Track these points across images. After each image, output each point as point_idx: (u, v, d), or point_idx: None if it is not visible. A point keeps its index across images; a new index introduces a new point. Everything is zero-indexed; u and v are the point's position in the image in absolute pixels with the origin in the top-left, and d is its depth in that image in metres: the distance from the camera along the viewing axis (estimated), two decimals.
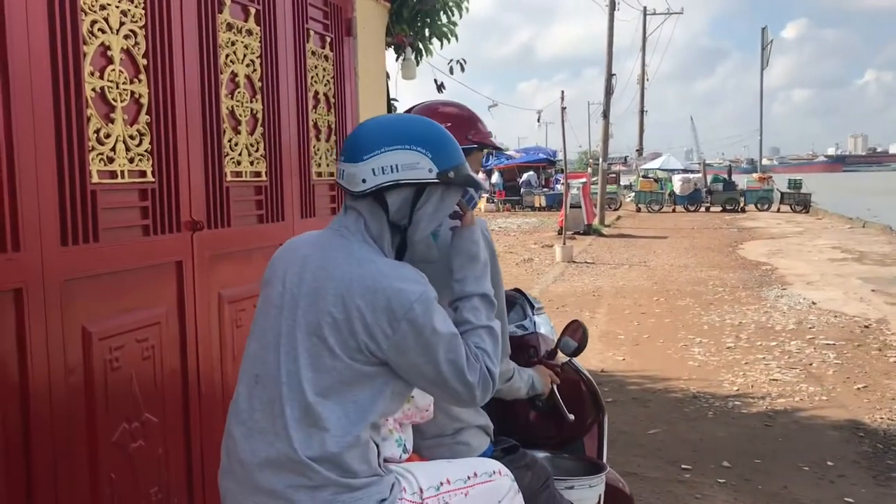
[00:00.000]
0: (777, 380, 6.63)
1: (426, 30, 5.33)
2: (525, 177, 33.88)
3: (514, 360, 2.43)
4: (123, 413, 2.53)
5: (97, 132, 2.42)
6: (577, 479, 2.51)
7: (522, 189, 33.03)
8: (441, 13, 5.30)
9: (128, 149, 2.55)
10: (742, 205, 32.48)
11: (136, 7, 2.60)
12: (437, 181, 1.82)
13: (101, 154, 2.44)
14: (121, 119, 2.52)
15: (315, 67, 3.93)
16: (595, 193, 24.27)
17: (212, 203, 3.03)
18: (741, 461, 4.80)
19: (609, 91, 24.92)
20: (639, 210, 33.08)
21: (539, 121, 38.20)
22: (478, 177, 2.05)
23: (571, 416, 2.61)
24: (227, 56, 3.15)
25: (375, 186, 1.79)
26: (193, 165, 2.90)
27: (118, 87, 2.51)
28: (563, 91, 18.25)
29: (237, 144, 3.22)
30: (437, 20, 5.33)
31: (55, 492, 2.24)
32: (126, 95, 2.55)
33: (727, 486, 4.42)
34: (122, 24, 2.53)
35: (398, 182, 1.80)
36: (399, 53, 5.29)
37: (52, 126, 2.23)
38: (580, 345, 2.63)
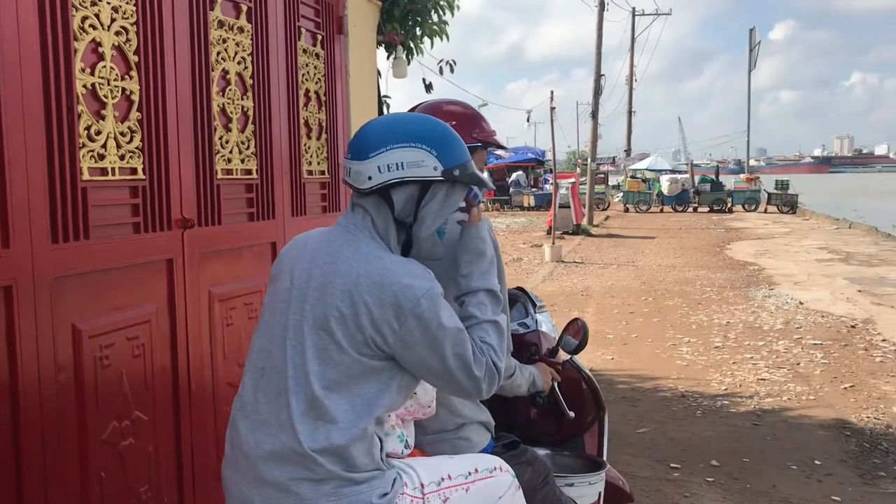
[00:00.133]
0: (765, 379, 6.66)
1: (417, 28, 5.34)
2: (514, 176, 33.92)
3: (516, 358, 2.45)
4: (113, 411, 2.51)
5: (88, 129, 2.40)
6: (578, 477, 2.53)
7: (511, 189, 33.07)
8: (432, 12, 5.30)
9: (119, 146, 2.54)
10: (729, 205, 32.66)
11: (128, 3, 2.58)
12: (442, 179, 1.84)
13: (92, 151, 2.43)
14: (112, 116, 2.51)
15: (306, 65, 3.92)
16: (584, 193, 24.32)
17: (202, 201, 3.02)
18: (729, 460, 4.82)
19: (598, 91, 24.96)
20: (627, 210, 33.18)
21: (528, 121, 38.23)
22: (483, 175, 2.07)
23: (572, 414, 2.62)
24: (219, 53, 3.14)
25: (381, 183, 1.81)
26: (184, 163, 2.89)
27: (109, 84, 2.49)
28: (553, 91, 18.28)
29: (228, 142, 3.21)
30: (429, 19, 5.34)
31: (45, 490, 2.22)
32: (117, 92, 2.53)
33: (716, 485, 4.44)
34: (114, 21, 2.52)
35: (403, 179, 1.81)
36: (390, 52, 5.28)
37: (43, 122, 2.22)
38: (581, 343, 2.64)
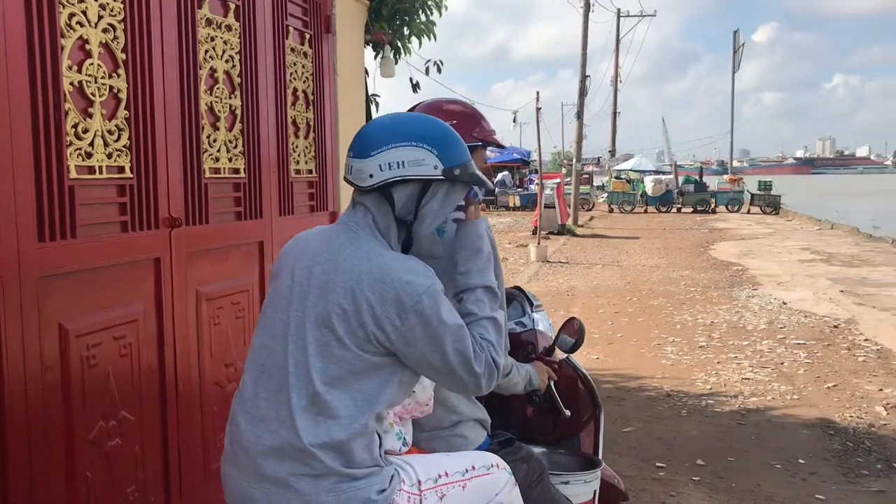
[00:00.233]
0: (749, 379, 6.71)
1: (405, 28, 5.33)
2: (499, 177, 33.96)
3: (513, 356, 2.47)
4: (100, 411, 2.50)
5: (75, 127, 2.39)
6: (573, 475, 2.55)
7: (497, 189, 33.11)
8: (420, 12, 5.30)
9: (106, 144, 2.52)
10: (713, 206, 32.86)
11: (115, 1, 2.56)
12: (443, 178, 1.86)
13: (80, 149, 2.41)
14: (99, 114, 2.49)
15: (294, 64, 3.90)
16: (569, 194, 24.39)
17: (190, 200, 3.00)
18: (715, 459, 4.85)
19: (583, 92, 25.01)
20: (611, 210, 33.31)
21: (515, 121, 38.32)
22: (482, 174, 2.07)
23: (567, 412, 2.64)
24: (207, 52, 3.12)
25: (382, 181, 1.83)
26: (172, 161, 2.87)
27: (97, 82, 2.48)
28: (539, 92, 18.35)
29: (216, 141, 3.19)
30: (416, 18, 5.33)
31: (31, 491, 2.20)
32: (105, 90, 2.52)
33: (701, 484, 4.46)
34: (101, 18, 2.50)
35: (404, 178, 1.83)
36: (378, 51, 5.27)
37: (30, 120, 2.20)
38: (577, 341, 2.66)
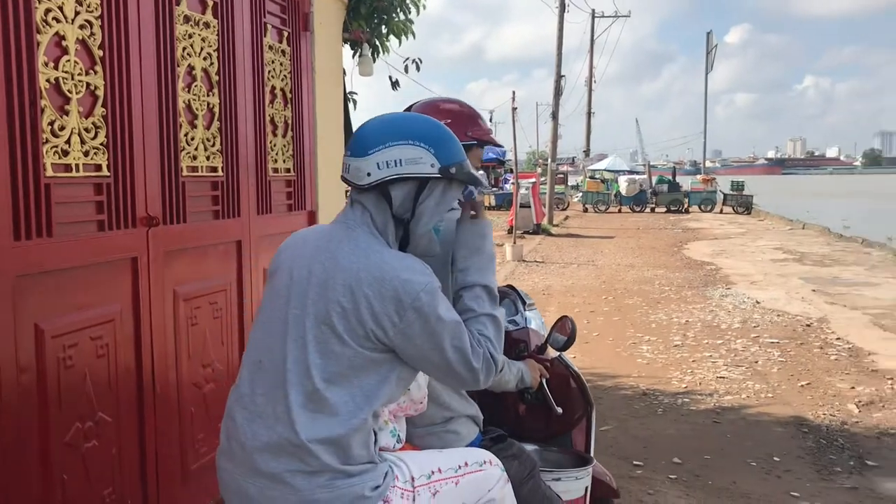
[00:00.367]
0: (724, 377, 6.77)
1: (383, 27, 5.32)
2: None
3: (506, 354, 2.49)
4: (77, 412, 2.47)
5: (51, 124, 2.35)
6: (564, 471, 2.57)
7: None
8: (398, 10, 5.29)
9: (83, 142, 2.49)
10: (686, 206, 33.15)
11: None
12: (439, 176, 1.87)
13: (56, 147, 2.37)
14: (76, 111, 2.46)
15: (272, 62, 3.88)
16: (544, 193, 24.48)
17: (167, 198, 2.97)
18: (691, 457, 4.88)
19: (558, 92, 25.12)
20: (586, 210, 33.48)
21: (491, 120, 38.38)
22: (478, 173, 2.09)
23: (559, 410, 2.68)
24: (185, 49, 3.09)
25: (380, 179, 1.85)
26: (149, 160, 2.84)
27: (73, 79, 2.44)
28: (514, 91, 18.40)
29: (193, 139, 3.16)
30: (395, 17, 5.32)
31: (5, 493, 2.18)
32: (81, 87, 2.48)
33: (678, 482, 4.49)
34: (78, 14, 2.47)
35: (402, 176, 1.85)
36: (356, 49, 5.25)
37: (5, 117, 2.17)
38: (569, 339, 2.69)
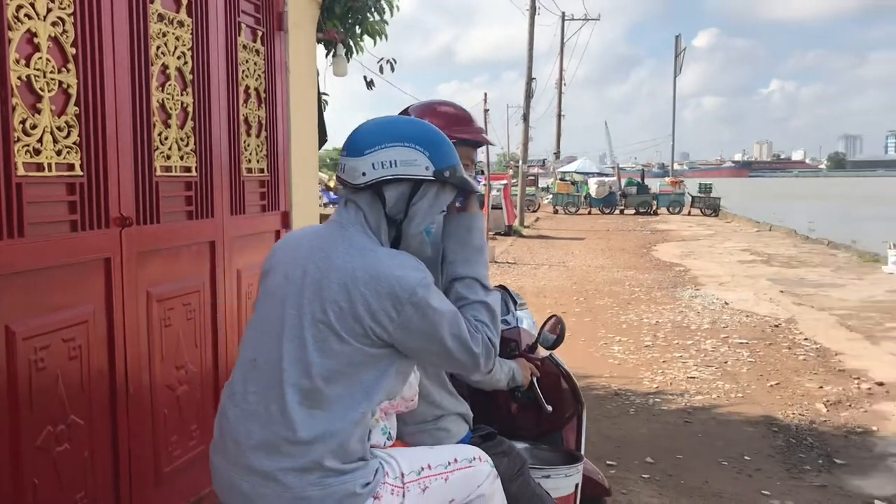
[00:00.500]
0: (694, 377, 6.83)
1: (357, 27, 5.30)
2: None
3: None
4: (48, 415, 2.43)
5: (23, 122, 2.31)
6: (554, 469, 2.59)
7: None
8: (372, 10, 5.27)
9: (55, 140, 2.45)
10: (655, 208, 33.47)
11: None
12: (433, 178, 1.90)
13: (28, 146, 2.34)
14: (48, 109, 2.42)
15: (246, 61, 3.85)
16: (515, 195, 24.57)
17: (141, 198, 2.94)
18: (663, 457, 4.92)
19: (529, 94, 25.22)
20: (556, 212, 33.66)
21: None
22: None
23: (549, 408, 2.69)
24: (158, 47, 3.06)
25: (374, 179, 1.87)
26: (123, 159, 2.81)
27: (45, 77, 2.40)
28: (486, 93, 18.45)
29: (167, 138, 3.13)
30: (370, 17, 5.30)
31: None
32: (54, 85, 2.44)
33: (651, 482, 4.53)
34: (50, 11, 2.43)
35: (396, 177, 1.87)
36: (330, 49, 5.22)
37: None
38: (558, 338, 2.73)
